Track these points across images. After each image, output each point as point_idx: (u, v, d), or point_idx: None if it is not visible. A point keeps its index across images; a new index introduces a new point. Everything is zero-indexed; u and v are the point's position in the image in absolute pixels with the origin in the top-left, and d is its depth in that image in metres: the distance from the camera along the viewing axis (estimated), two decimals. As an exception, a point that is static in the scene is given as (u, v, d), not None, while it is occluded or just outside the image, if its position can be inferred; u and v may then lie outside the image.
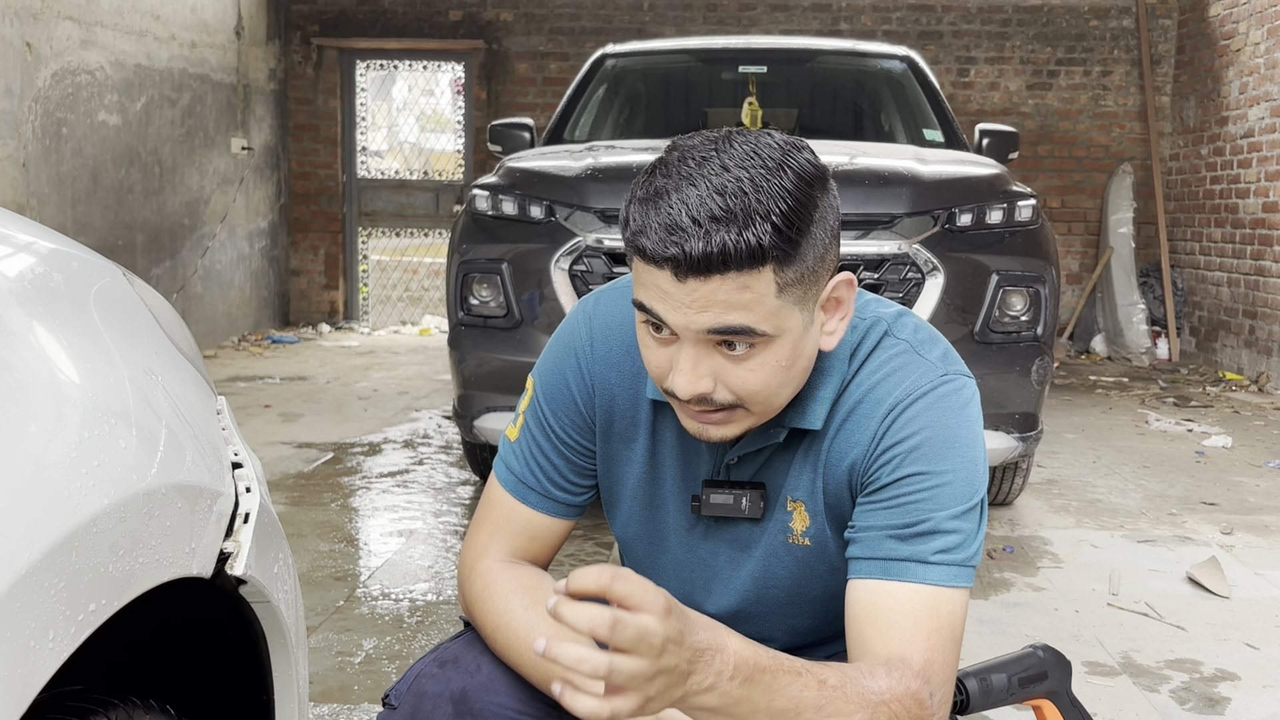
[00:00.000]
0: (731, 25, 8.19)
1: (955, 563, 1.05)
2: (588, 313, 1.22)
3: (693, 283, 0.95)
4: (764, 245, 0.94)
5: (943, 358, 1.12)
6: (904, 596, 1.04)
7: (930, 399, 1.08)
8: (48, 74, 5.49)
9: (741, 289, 0.95)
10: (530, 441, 1.22)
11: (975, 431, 1.10)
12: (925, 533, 1.05)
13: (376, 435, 4.77)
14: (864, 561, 1.07)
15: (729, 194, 0.94)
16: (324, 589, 2.88)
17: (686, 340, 0.99)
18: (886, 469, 1.08)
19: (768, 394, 1.03)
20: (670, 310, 0.97)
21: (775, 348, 1.00)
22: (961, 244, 3.21)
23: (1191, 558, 3.25)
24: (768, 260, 0.95)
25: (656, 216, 0.95)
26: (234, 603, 1.00)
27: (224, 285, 7.53)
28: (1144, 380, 6.68)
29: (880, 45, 4.83)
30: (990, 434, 3.20)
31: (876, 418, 1.09)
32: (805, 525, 1.15)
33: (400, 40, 8.34)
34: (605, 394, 1.20)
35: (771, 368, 1.01)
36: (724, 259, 0.93)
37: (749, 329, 0.97)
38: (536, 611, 1.12)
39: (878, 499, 1.08)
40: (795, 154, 0.98)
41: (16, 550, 0.65)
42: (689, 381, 1.00)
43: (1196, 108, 7.61)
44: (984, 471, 1.10)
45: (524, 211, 3.33)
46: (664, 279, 0.96)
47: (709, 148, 0.98)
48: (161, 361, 0.98)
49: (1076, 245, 8.22)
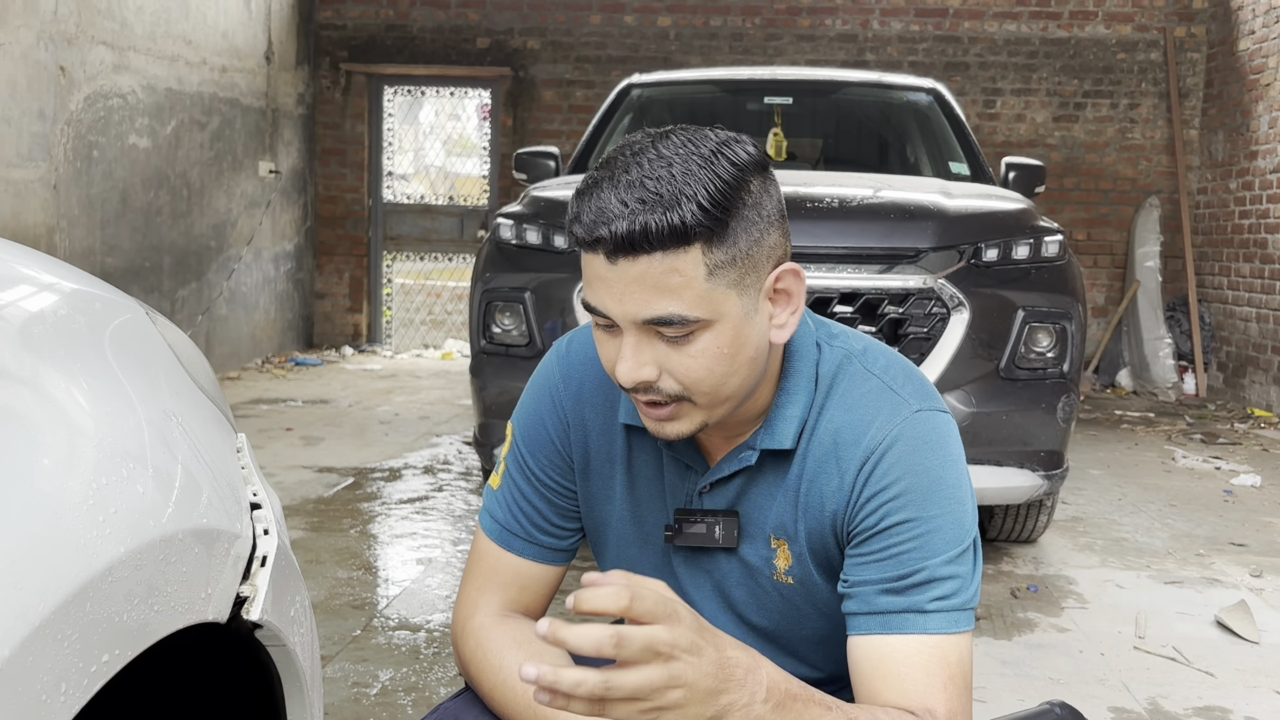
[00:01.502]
0: (757, 54, 8.21)
1: (954, 608, 1.04)
2: (560, 353, 1.23)
3: (623, 264, 0.97)
4: (687, 224, 0.95)
5: (916, 393, 1.10)
6: (910, 649, 1.03)
7: (908, 441, 1.07)
8: (80, 98, 5.56)
9: (669, 271, 0.96)
10: (512, 487, 1.22)
11: (958, 470, 1.08)
12: (920, 583, 1.03)
13: (397, 460, 4.77)
14: (861, 617, 1.05)
15: (659, 179, 0.96)
16: (341, 617, 2.87)
17: (627, 329, 1.00)
18: (871, 519, 1.06)
19: (713, 382, 1.02)
20: (607, 297, 0.99)
21: (716, 333, 1.00)
22: (987, 279, 3.19)
23: (1220, 600, 3.20)
24: (693, 239, 0.96)
25: (589, 203, 0.98)
26: (249, 645, 0.99)
27: (249, 307, 7.57)
28: (1170, 416, 6.61)
29: (906, 77, 4.83)
30: (1015, 471, 3.16)
31: (854, 462, 1.08)
32: (788, 564, 1.14)
33: (428, 66, 8.40)
34: (580, 430, 1.20)
35: (714, 354, 1.01)
36: (646, 237, 0.95)
37: (681, 317, 0.98)
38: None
39: (867, 551, 1.06)
40: (732, 145, 1.01)
41: (30, 602, 0.65)
42: (630, 369, 1.01)
43: (1225, 142, 7.56)
44: (972, 510, 1.08)
45: (548, 241, 3.33)
46: (599, 264, 0.98)
47: (647, 141, 1.01)
48: (182, 402, 0.98)
49: (1102, 278, 8.16)
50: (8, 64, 4.98)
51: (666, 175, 0.96)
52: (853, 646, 1.06)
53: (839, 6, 8.19)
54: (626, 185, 0.96)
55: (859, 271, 3.07)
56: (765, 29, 8.23)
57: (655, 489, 1.18)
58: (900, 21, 8.17)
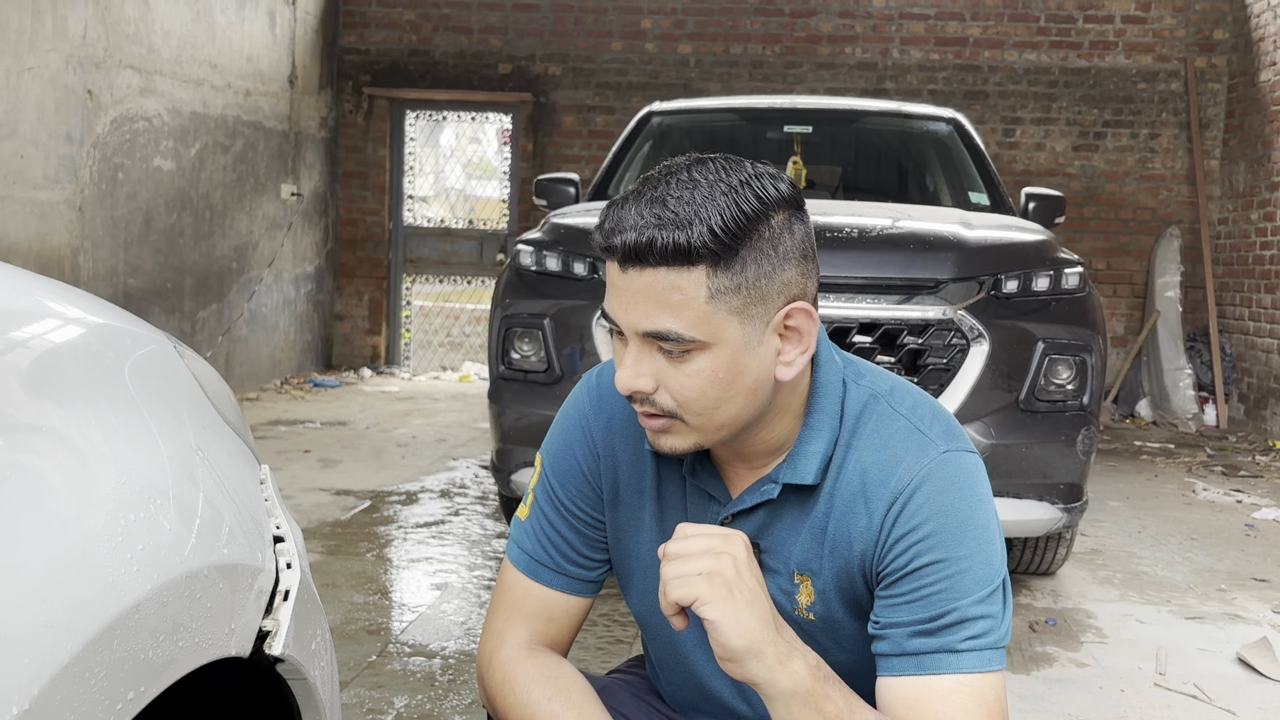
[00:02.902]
0: (777, 82, 8.24)
1: (987, 646, 1.04)
2: (590, 384, 1.25)
3: (632, 274, 1.01)
4: (693, 244, 0.98)
5: (944, 434, 1.11)
6: (946, 689, 1.03)
7: (936, 482, 1.07)
8: (107, 120, 5.62)
9: (672, 288, 1.00)
10: (541, 518, 1.23)
11: (987, 510, 1.08)
12: (952, 624, 1.04)
13: (414, 484, 4.78)
14: (894, 659, 1.06)
15: (680, 199, 1.00)
16: (357, 642, 2.87)
17: (630, 338, 1.04)
18: (901, 560, 1.07)
19: (705, 405, 1.04)
20: (616, 305, 1.03)
21: (713, 356, 1.02)
22: (1007, 311, 3.18)
23: (1242, 637, 3.16)
24: (699, 261, 0.99)
25: (615, 212, 1.02)
26: (269, 678, 1.00)
27: (269, 329, 7.62)
28: (1191, 447, 6.56)
29: (926, 107, 4.83)
30: (1034, 504, 3.14)
31: (882, 503, 1.08)
32: (810, 600, 1.14)
33: (450, 91, 8.47)
34: (610, 462, 1.21)
35: (708, 377, 1.03)
36: (652, 250, 0.99)
37: (678, 335, 1.01)
38: (560, 702, 1.11)
39: (897, 593, 1.07)
40: (764, 179, 1.04)
41: (59, 640, 0.65)
42: (627, 377, 1.04)
43: (1246, 172, 7.53)
44: (1001, 550, 1.09)
45: (567, 268, 3.35)
46: (614, 271, 1.03)
47: (685, 163, 1.04)
48: (207, 436, 0.98)
49: (1122, 308, 8.13)
50: (36, 87, 5.05)
51: (689, 197, 1.00)
52: (885, 687, 1.06)
53: (859, 35, 8.22)
54: (649, 201, 1.01)
55: (878, 302, 3.07)
56: (785, 57, 8.27)
57: (681, 519, 1.18)
58: (920, 50, 8.19)
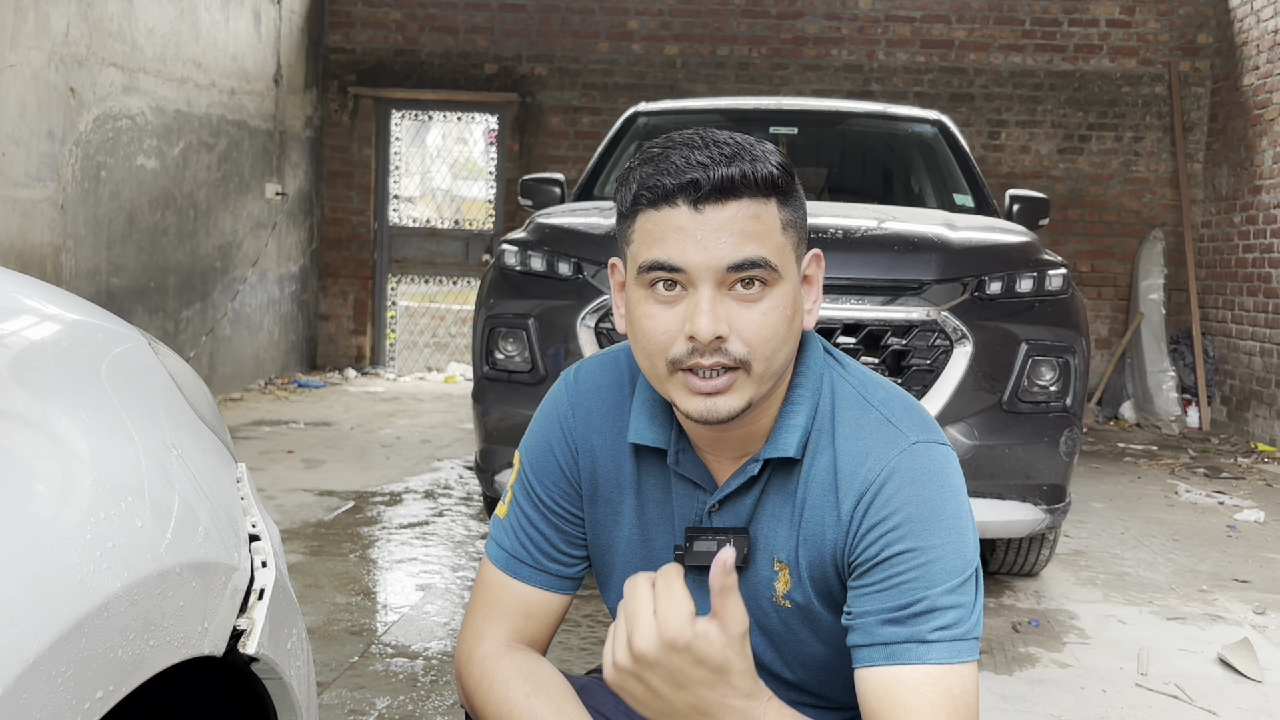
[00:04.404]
0: (763, 84, 8.25)
1: (956, 638, 1.04)
2: (568, 382, 1.25)
3: (709, 211, 1.01)
4: (774, 175, 1.03)
5: (915, 426, 1.11)
6: (914, 681, 1.03)
7: (906, 473, 1.08)
8: (89, 118, 5.59)
9: (754, 218, 1.02)
10: (519, 515, 1.23)
11: (959, 501, 1.09)
12: (922, 612, 1.04)
13: (398, 484, 4.77)
14: (865, 649, 1.06)
15: (733, 141, 1.03)
16: (339, 643, 2.85)
17: (704, 283, 1.02)
18: (871, 550, 1.07)
19: (774, 346, 1.05)
20: (690, 247, 1.01)
21: (781, 292, 1.05)
22: (991, 312, 3.19)
23: (1223, 638, 3.18)
24: (775, 192, 1.04)
25: (667, 163, 1.02)
26: (244, 677, 0.99)
27: (253, 328, 7.58)
28: (1173, 449, 6.59)
29: (911, 109, 4.84)
30: (1017, 505, 3.15)
31: (852, 493, 1.09)
32: (787, 588, 1.15)
33: (436, 91, 8.45)
34: (589, 457, 1.21)
35: (780, 314, 1.04)
36: (743, 180, 1.01)
37: (765, 260, 1.02)
38: (539, 699, 1.11)
39: (868, 583, 1.07)
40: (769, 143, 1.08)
41: (25, 639, 0.64)
42: (710, 321, 1.02)
43: (1229, 176, 7.58)
44: (974, 540, 1.08)
45: (552, 268, 3.34)
46: (680, 215, 1.01)
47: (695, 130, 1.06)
48: (181, 433, 0.98)
49: (1106, 310, 8.16)
50: (18, 85, 5.01)
51: (733, 141, 1.04)
52: (859, 679, 1.06)
53: (845, 37, 8.23)
54: (703, 145, 1.02)
55: (862, 303, 3.08)
56: (771, 59, 8.28)
57: (664, 511, 1.19)
58: (906, 53, 8.21)
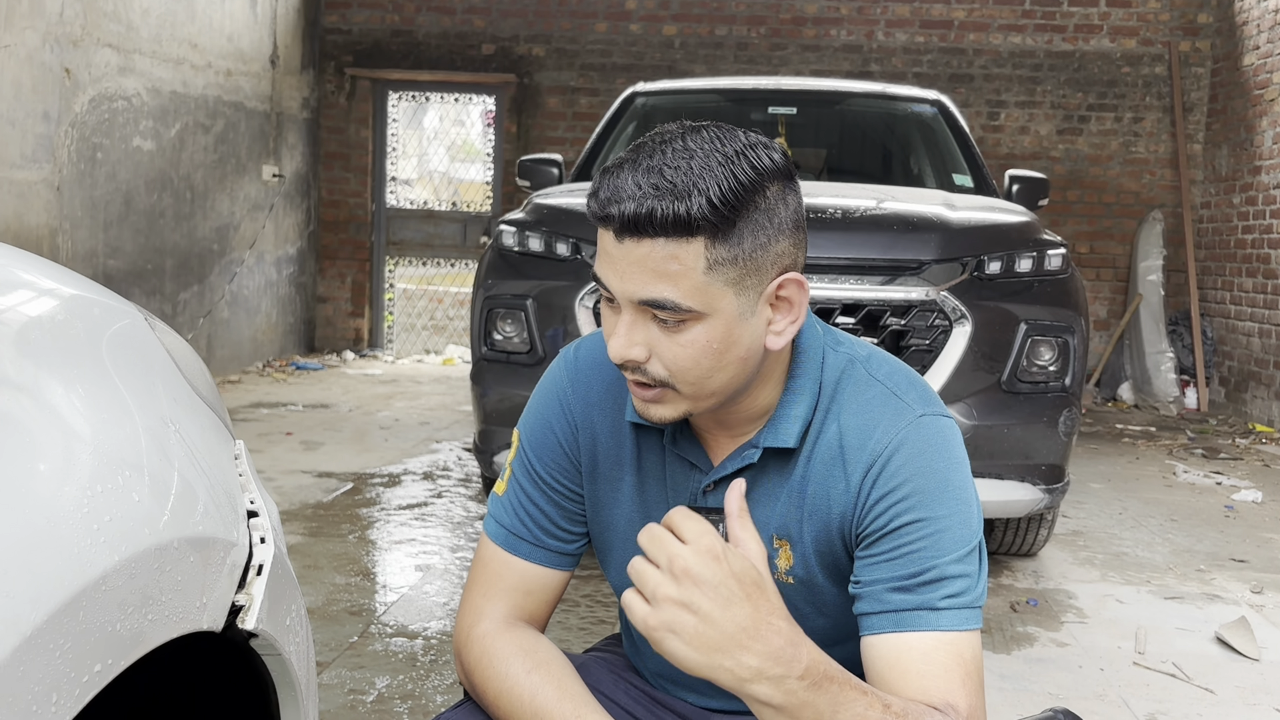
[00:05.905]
0: (762, 65, 8.22)
1: (964, 605, 1.05)
2: (568, 359, 1.25)
3: (628, 243, 1.00)
4: (693, 215, 0.98)
5: (919, 399, 1.12)
6: (926, 646, 1.04)
7: (913, 445, 1.08)
8: (85, 99, 5.56)
9: (670, 258, 0.99)
10: (519, 491, 1.23)
11: (964, 473, 1.10)
12: (931, 580, 1.05)
13: (397, 466, 4.77)
14: (874, 617, 1.07)
15: (677, 169, 0.99)
16: (339, 624, 2.86)
17: (625, 307, 1.03)
18: (881, 520, 1.08)
19: (698, 374, 1.04)
20: (610, 273, 1.02)
21: (707, 326, 1.02)
22: (990, 292, 3.18)
23: (1220, 617, 3.19)
24: (697, 232, 0.98)
25: (610, 181, 1.01)
26: (244, 654, 0.99)
27: (251, 311, 7.57)
28: (1172, 430, 6.60)
29: (910, 89, 4.82)
30: (1016, 485, 3.15)
31: (860, 466, 1.10)
32: (789, 564, 1.15)
33: (433, 72, 8.41)
34: (589, 433, 1.21)
35: (702, 346, 1.03)
36: (651, 221, 0.98)
37: (675, 304, 1.00)
38: (539, 675, 1.10)
39: (877, 552, 1.08)
40: (758, 149, 1.02)
41: (22, 611, 0.64)
42: (621, 345, 1.03)
43: (1229, 156, 7.56)
44: (978, 512, 1.10)
45: (550, 248, 3.33)
46: (609, 240, 1.02)
47: (678, 131, 1.03)
48: (179, 409, 0.97)
49: (1105, 291, 8.16)
50: (13, 65, 4.98)
51: (685, 166, 0.99)
52: (867, 647, 1.07)
53: (844, 17, 8.20)
54: (646, 170, 0.99)
55: (861, 283, 3.07)
56: (770, 39, 8.24)
57: (661, 489, 1.19)
58: (905, 33, 8.18)
